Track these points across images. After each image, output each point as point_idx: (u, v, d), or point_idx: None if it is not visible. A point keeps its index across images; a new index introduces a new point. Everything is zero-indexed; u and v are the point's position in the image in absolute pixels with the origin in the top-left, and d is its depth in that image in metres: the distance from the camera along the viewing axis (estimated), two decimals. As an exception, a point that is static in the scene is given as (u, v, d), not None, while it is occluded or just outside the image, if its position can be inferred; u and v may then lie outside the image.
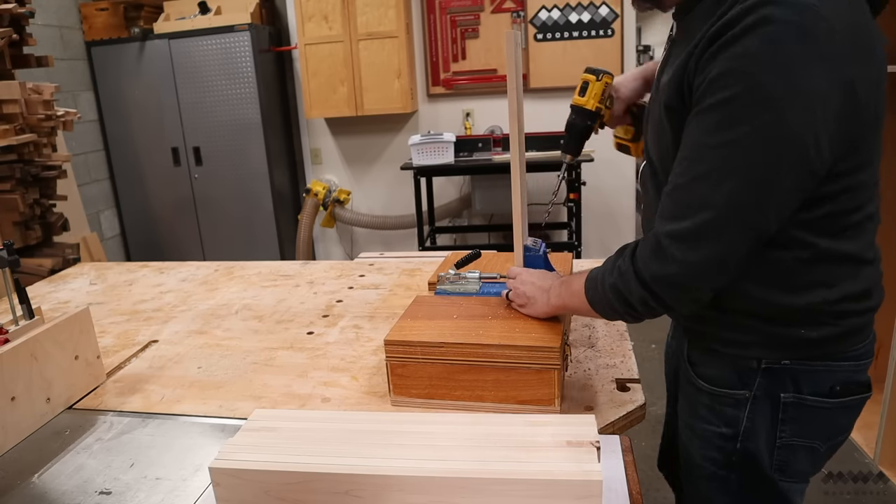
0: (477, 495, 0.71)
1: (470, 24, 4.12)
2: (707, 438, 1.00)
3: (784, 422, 0.93)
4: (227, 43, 4.04)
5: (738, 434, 0.96)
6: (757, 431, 0.95)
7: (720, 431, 0.98)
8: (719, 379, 0.97)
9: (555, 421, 0.81)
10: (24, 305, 1.09)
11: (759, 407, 0.94)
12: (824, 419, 0.94)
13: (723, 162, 0.78)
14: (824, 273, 0.87)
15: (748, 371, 0.93)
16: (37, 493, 0.88)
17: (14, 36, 2.37)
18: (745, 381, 0.94)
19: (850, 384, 0.93)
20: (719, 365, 0.97)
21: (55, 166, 2.50)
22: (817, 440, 0.95)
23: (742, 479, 0.98)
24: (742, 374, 0.94)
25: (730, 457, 0.98)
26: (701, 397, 1.00)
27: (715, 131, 0.78)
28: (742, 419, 0.95)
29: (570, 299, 1.00)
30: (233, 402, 1.10)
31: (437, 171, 3.84)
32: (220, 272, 1.87)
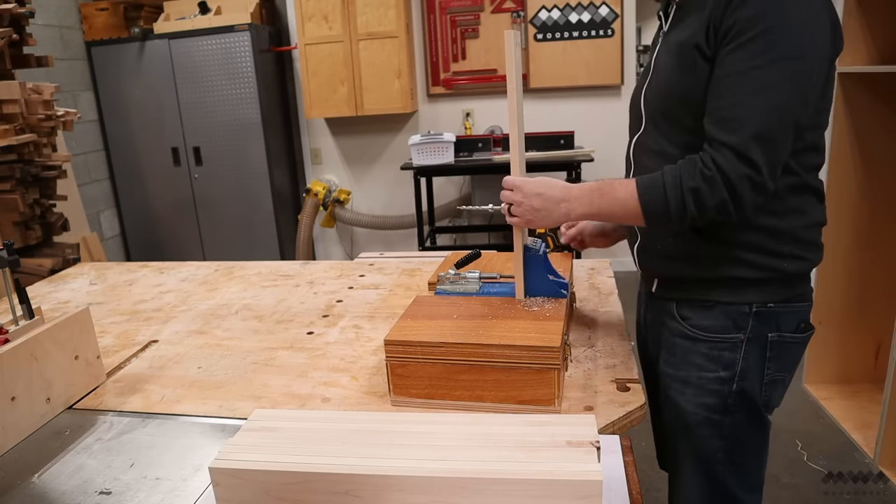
0: (477, 495, 0.71)
1: (470, 24, 4.12)
2: (701, 385, 1.11)
3: (770, 359, 1.09)
4: (227, 43, 4.04)
5: (735, 375, 1.08)
6: (750, 371, 1.09)
7: (717, 376, 1.09)
8: (715, 327, 1.09)
9: (555, 421, 0.81)
10: (24, 305, 1.09)
11: (752, 348, 1.08)
12: (793, 353, 1.12)
13: (773, 75, 0.92)
14: (801, 201, 1.04)
15: (742, 315, 1.07)
16: (37, 493, 0.88)
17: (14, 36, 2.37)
18: (739, 325, 1.07)
19: (806, 322, 1.11)
20: (715, 315, 1.09)
21: (55, 166, 2.51)
22: (787, 372, 1.13)
23: (735, 420, 1.10)
24: (736, 319, 1.07)
25: (725, 399, 1.09)
26: (697, 346, 1.11)
27: (761, 54, 0.92)
28: (738, 361, 1.08)
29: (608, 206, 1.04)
30: (233, 402, 1.10)
31: (437, 171, 3.84)
32: (220, 272, 1.87)
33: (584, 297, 1.47)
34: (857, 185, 2.47)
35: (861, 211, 2.48)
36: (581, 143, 3.94)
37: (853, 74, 2.34)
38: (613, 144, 4.10)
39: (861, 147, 2.44)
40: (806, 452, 2.28)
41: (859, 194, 2.48)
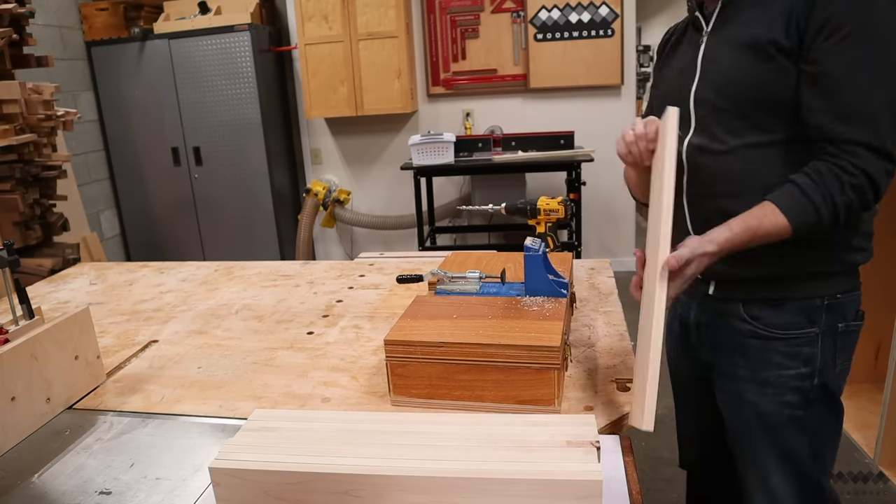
0: (477, 495, 0.71)
1: (470, 24, 4.12)
2: (782, 384, 1.12)
3: (840, 350, 1.10)
4: (227, 43, 4.04)
5: (815, 370, 1.09)
6: (828, 363, 1.10)
7: (798, 372, 1.10)
8: (790, 324, 1.10)
9: (555, 421, 0.81)
10: (24, 305, 1.09)
11: (826, 340, 1.09)
12: (854, 340, 1.13)
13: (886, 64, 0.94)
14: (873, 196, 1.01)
15: (814, 309, 1.08)
16: (37, 493, 0.88)
17: (14, 36, 2.37)
18: (813, 319, 1.09)
19: (860, 311, 1.13)
20: (787, 312, 1.10)
21: (55, 166, 2.51)
22: (849, 360, 1.13)
23: (820, 414, 1.12)
24: (809, 313, 1.09)
25: (807, 395, 1.10)
26: (774, 345, 1.11)
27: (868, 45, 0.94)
28: (817, 355, 1.09)
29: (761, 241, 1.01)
30: (233, 402, 1.10)
31: (437, 171, 3.84)
32: (220, 272, 1.87)
33: (584, 297, 1.47)
34: (857, 185, 2.46)
35: (861, 211, 2.48)
36: (581, 143, 3.94)
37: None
38: (613, 144, 4.10)
39: (861, 147, 2.43)
40: (806, 452, 2.27)
41: (859, 194, 2.47)
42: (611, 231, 4.28)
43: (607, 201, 4.21)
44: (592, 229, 4.24)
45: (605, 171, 4.05)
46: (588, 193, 3.99)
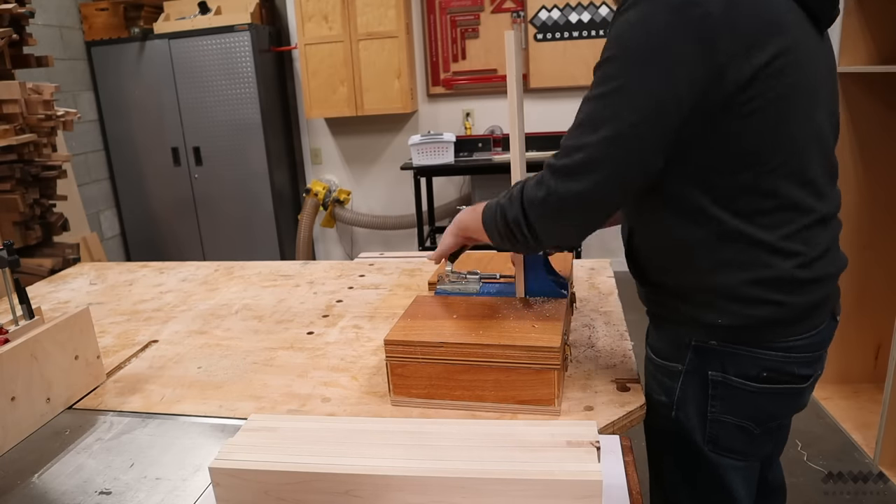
0: (477, 495, 0.71)
1: (470, 24, 4.12)
2: (653, 406, 1.07)
3: (714, 398, 1.00)
4: (227, 43, 4.04)
5: (673, 403, 1.04)
6: (689, 403, 1.02)
7: (661, 399, 1.06)
8: (661, 351, 1.06)
9: (555, 421, 0.81)
10: (24, 305, 1.09)
11: (691, 380, 1.01)
12: (751, 402, 0.99)
13: (597, 112, 0.87)
14: (736, 252, 0.92)
15: (681, 346, 1.02)
16: (37, 493, 0.88)
17: (14, 36, 2.38)
18: (679, 354, 1.02)
19: (780, 373, 0.97)
20: (662, 337, 1.06)
21: (55, 166, 2.51)
22: (747, 421, 1.00)
23: (678, 447, 1.06)
24: (676, 347, 1.02)
25: (669, 424, 1.06)
26: (649, 366, 1.10)
27: (595, 86, 0.89)
28: (676, 389, 1.03)
29: (467, 219, 1.07)
30: (233, 402, 1.10)
31: (437, 171, 3.84)
32: (220, 272, 1.87)
33: (584, 297, 1.47)
34: (857, 185, 2.47)
35: (861, 211, 2.48)
36: (581, 143, 3.95)
37: (853, 74, 2.35)
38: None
39: (861, 147, 2.44)
40: (806, 452, 2.28)
41: (859, 194, 2.48)
42: (611, 231, 4.27)
43: (607, 201, 4.21)
44: (592, 229, 4.24)
45: (605, 171, 4.04)
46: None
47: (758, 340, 0.96)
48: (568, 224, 0.93)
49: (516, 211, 0.95)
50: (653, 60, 0.84)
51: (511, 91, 1.05)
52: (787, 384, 0.98)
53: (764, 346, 0.95)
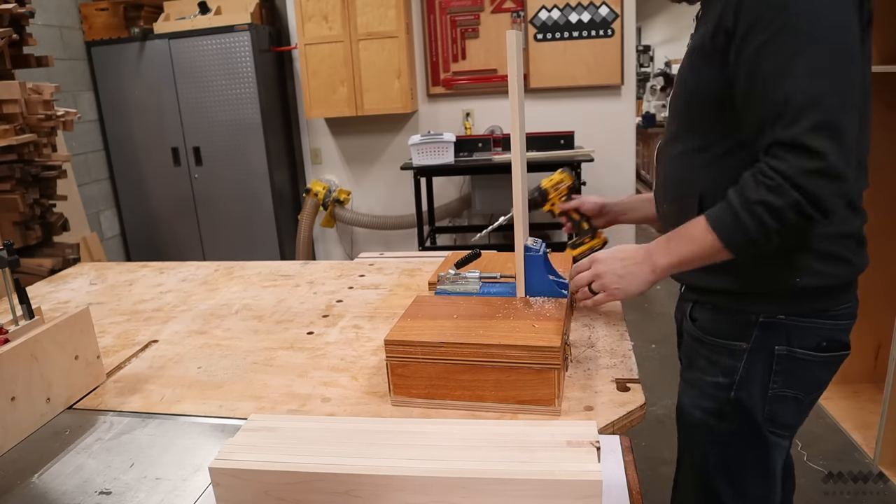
0: (477, 495, 0.71)
1: (470, 24, 4.12)
2: (700, 387, 1.09)
3: (777, 373, 1.04)
4: (227, 43, 4.04)
5: (734, 383, 1.06)
6: (751, 381, 1.05)
7: (716, 381, 1.07)
8: (720, 332, 1.07)
9: (555, 421, 0.81)
10: (24, 305, 1.09)
11: (755, 358, 1.04)
12: (809, 372, 1.04)
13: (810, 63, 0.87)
14: None
15: (746, 324, 1.04)
16: (37, 493, 0.88)
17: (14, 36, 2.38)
18: (743, 333, 1.04)
19: (833, 341, 1.03)
20: (721, 319, 1.07)
21: (55, 166, 2.51)
22: (801, 391, 1.06)
23: (732, 429, 1.07)
24: (741, 326, 1.04)
25: (723, 406, 1.07)
26: (701, 348, 1.10)
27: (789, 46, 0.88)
28: (739, 369, 1.05)
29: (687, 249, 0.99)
30: (233, 402, 1.10)
31: (437, 171, 3.84)
32: (220, 272, 1.87)
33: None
34: (857, 185, 2.47)
35: (861, 211, 2.48)
36: (581, 143, 3.94)
37: (853, 74, 2.34)
38: (613, 144, 4.10)
39: (861, 147, 2.44)
40: (806, 452, 2.28)
41: (859, 194, 2.47)
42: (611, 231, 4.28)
43: (607, 201, 4.21)
44: (592, 229, 4.24)
45: (605, 171, 4.05)
46: (588, 193, 3.98)
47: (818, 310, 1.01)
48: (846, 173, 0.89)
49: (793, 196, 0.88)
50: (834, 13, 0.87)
51: (512, 91, 1.05)
52: (838, 351, 1.04)
53: (824, 316, 1.02)
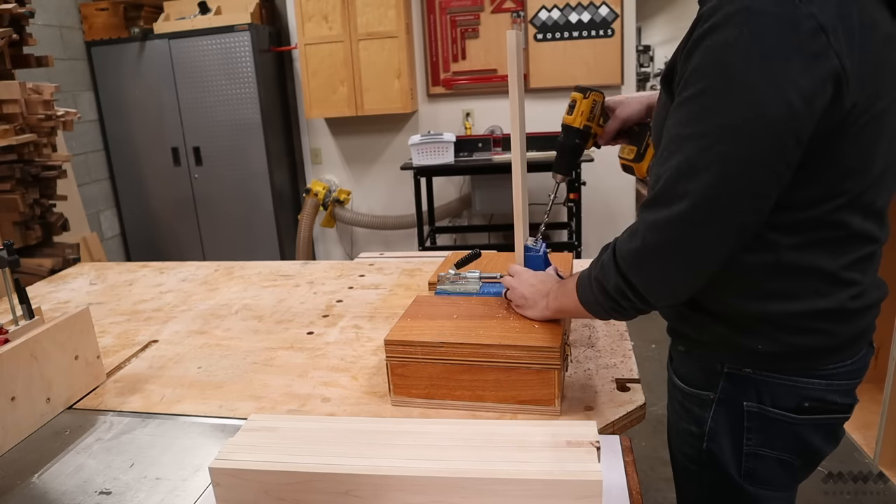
0: (477, 495, 0.71)
1: (470, 24, 4.12)
2: (680, 433, 1.02)
3: (749, 430, 0.92)
4: (227, 43, 4.04)
5: (704, 434, 0.96)
6: (721, 434, 0.94)
7: (689, 429, 0.99)
8: (689, 378, 0.98)
9: (555, 421, 0.81)
10: (24, 305, 1.09)
11: (724, 410, 0.93)
12: (792, 434, 0.91)
13: (699, 153, 0.75)
14: (793, 282, 0.84)
15: (712, 373, 0.93)
16: (37, 493, 0.88)
17: (14, 36, 2.37)
18: (710, 382, 0.94)
19: (822, 402, 0.89)
20: (690, 364, 0.98)
21: (55, 166, 2.50)
22: (787, 453, 0.93)
23: (710, 478, 0.99)
24: (708, 375, 0.94)
25: (699, 455, 0.98)
26: (675, 393, 1.02)
27: (691, 122, 0.77)
28: (707, 420, 0.95)
29: (565, 301, 0.98)
30: (233, 402, 1.10)
31: (437, 171, 3.84)
32: (220, 272, 1.87)
33: (584, 297, 1.47)
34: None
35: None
36: (581, 143, 3.94)
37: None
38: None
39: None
40: (806, 452, 2.27)
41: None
42: (611, 231, 4.27)
43: (607, 201, 4.20)
44: (592, 229, 4.24)
45: (605, 171, 4.04)
46: (588, 193, 3.99)
47: (797, 369, 0.88)
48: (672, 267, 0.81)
49: (613, 277, 0.85)
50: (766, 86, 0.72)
51: (512, 91, 1.05)
52: (830, 414, 0.90)
53: (805, 374, 0.88)
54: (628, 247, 0.84)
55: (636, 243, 0.83)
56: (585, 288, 0.93)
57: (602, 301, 0.90)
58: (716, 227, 0.78)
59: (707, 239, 0.79)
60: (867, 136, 0.79)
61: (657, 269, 0.82)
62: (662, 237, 0.80)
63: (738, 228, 0.79)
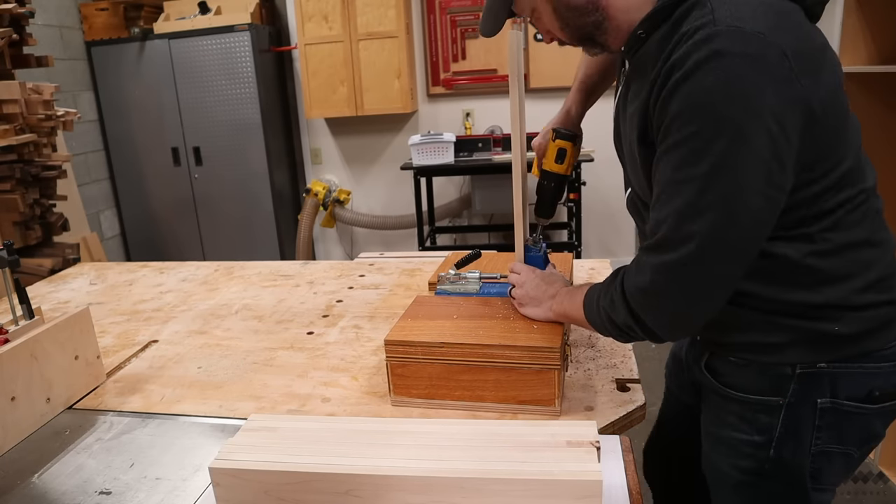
0: (477, 495, 0.71)
1: (470, 24, 4.12)
2: (734, 447, 0.98)
3: (820, 428, 0.92)
4: (227, 43, 4.04)
5: (772, 441, 0.94)
6: (791, 438, 0.93)
7: (751, 440, 0.96)
8: (749, 386, 0.95)
9: (555, 421, 0.81)
10: (24, 305, 1.09)
11: (794, 413, 0.93)
12: (862, 425, 0.92)
13: (698, 195, 0.79)
14: (838, 265, 0.87)
15: (781, 377, 0.92)
16: (37, 493, 0.88)
17: (14, 36, 2.37)
18: (778, 387, 0.93)
19: (889, 387, 0.91)
20: (748, 373, 0.95)
21: (55, 166, 2.50)
22: (852, 446, 0.94)
23: (773, 488, 0.97)
24: (775, 380, 0.93)
25: (762, 465, 0.96)
26: (729, 405, 0.98)
27: (684, 167, 0.80)
28: (776, 426, 0.94)
29: (570, 310, 1.00)
30: (233, 402, 1.10)
31: (437, 171, 3.84)
32: (220, 272, 1.87)
33: (584, 297, 1.47)
34: (857, 185, 2.46)
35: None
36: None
37: (852, 74, 2.34)
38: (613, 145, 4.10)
39: (861, 147, 2.43)
40: (806, 452, 2.27)
41: (859, 194, 2.47)
42: (611, 231, 4.28)
43: (607, 201, 4.20)
44: (592, 229, 4.24)
45: (605, 171, 4.04)
46: (588, 193, 3.99)
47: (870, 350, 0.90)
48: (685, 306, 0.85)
49: (623, 314, 0.89)
50: (747, 120, 0.76)
51: (513, 91, 1.05)
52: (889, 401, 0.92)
53: (876, 358, 0.90)
54: (637, 286, 0.87)
55: (644, 284, 0.86)
56: (593, 311, 0.95)
57: (610, 329, 0.94)
58: (726, 262, 0.82)
59: (718, 274, 0.83)
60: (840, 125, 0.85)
61: (670, 310, 0.86)
62: (672, 280, 0.83)
63: (747, 257, 0.83)
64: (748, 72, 0.75)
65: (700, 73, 0.76)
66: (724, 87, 0.75)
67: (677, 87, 0.78)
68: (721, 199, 0.78)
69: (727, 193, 0.78)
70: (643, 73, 0.88)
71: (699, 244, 0.80)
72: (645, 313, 0.87)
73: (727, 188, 0.78)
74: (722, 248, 0.81)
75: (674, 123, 0.79)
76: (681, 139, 0.79)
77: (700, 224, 0.79)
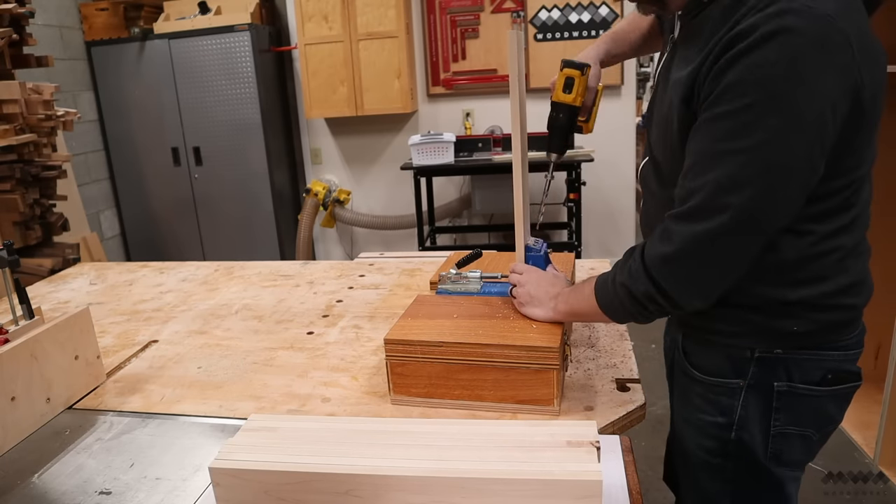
0: (477, 495, 0.71)
1: (470, 24, 4.12)
2: (701, 427, 1.03)
3: (778, 410, 0.96)
4: (227, 43, 4.04)
5: (733, 423, 0.99)
6: (751, 420, 0.98)
7: (714, 420, 1.00)
8: (713, 368, 1.00)
9: (554, 421, 0.81)
10: (24, 305, 1.09)
11: (753, 396, 0.97)
12: (816, 407, 0.97)
13: (740, 168, 0.80)
14: (821, 267, 0.90)
15: (742, 360, 0.96)
16: (37, 493, 0.88)
17: (14, 36, 2.37)
18: (739, 370, 0.97)
19: (840, 373, 0.96)
20: (713, 355, 1.00)
21: (55, 166, 2.50)
22: (810, 428, 0.98)
23: (737, 468, 1.01)
24: (736, 363, 0.97)
25: (725, 445, 1.00)
26: (695, 387, 1.03)
27: (732, 137, 0.80)
28: (737, 408, 0.98)
29: (578, 304, 1.00)
30: (233, 402, 1.10)
31: (437, 171, 3.84)
32: (220, 272, 1.87)
33: (584, 297, 1.47)
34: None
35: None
36: (581, 142, 3.94)
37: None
38: (613, 144, 4.10)
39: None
40: (806, 452, 2.27)
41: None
42: (611, 231, 4.28)
43: (607, 201, 4.20)
44: (592, 229, 4.24)
45: (605, 171, 4.05)
46: (588, 193, 3.99)
47: (823, 343, 0.94)
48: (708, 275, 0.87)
49: (643, 283, 0.89)
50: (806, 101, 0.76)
51: (513, 91, 1.05)
52: (847, 383, 0.97)
53: (828, 347, 0.94)
54: (660, 253, 0.88)
55: (668, 251, 0.86)
56: (608, 292, 0.95)
57: (627, 305, 0.93)
58: (755, 235, 0.84)
59: (745, 247, 0.84)
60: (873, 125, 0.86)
61: (693, 276, 0.87)
62: (702, 248, 0.84)
63: (770, 234, 0.85)
64: (814, 53, 0.75)
65: (766, 46, 0.75)
66: (789, 64, 0.75)
67: (738, 58, 0.77)
68: (762, 175, 0.79)
69: (770, 170, 0.79)
70: (698, 39, 0.87)
71: (733, 216, 0.81)
72: (666, 280, 0.87)
73: (771, 165, 0.79)
74: (754, 223, 0.82)
75: (726, 93, 0.79)
76: (732, 110, 0.79)
77: (737, 197, 0.80)
